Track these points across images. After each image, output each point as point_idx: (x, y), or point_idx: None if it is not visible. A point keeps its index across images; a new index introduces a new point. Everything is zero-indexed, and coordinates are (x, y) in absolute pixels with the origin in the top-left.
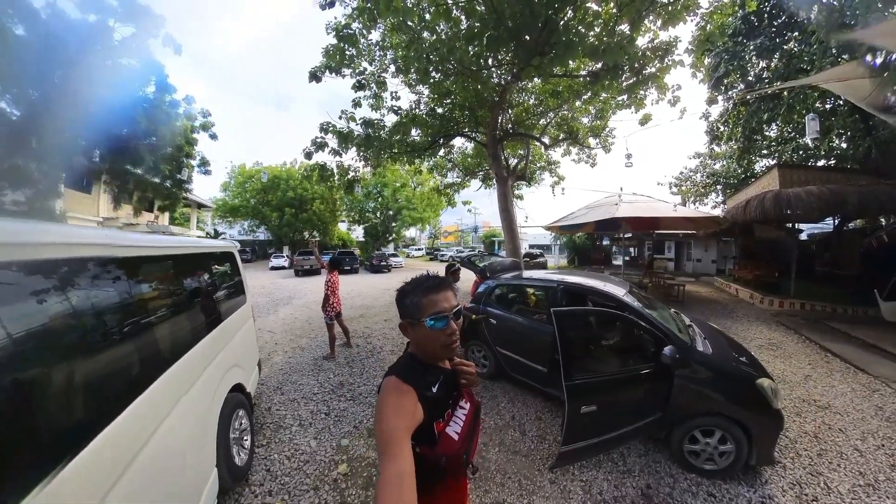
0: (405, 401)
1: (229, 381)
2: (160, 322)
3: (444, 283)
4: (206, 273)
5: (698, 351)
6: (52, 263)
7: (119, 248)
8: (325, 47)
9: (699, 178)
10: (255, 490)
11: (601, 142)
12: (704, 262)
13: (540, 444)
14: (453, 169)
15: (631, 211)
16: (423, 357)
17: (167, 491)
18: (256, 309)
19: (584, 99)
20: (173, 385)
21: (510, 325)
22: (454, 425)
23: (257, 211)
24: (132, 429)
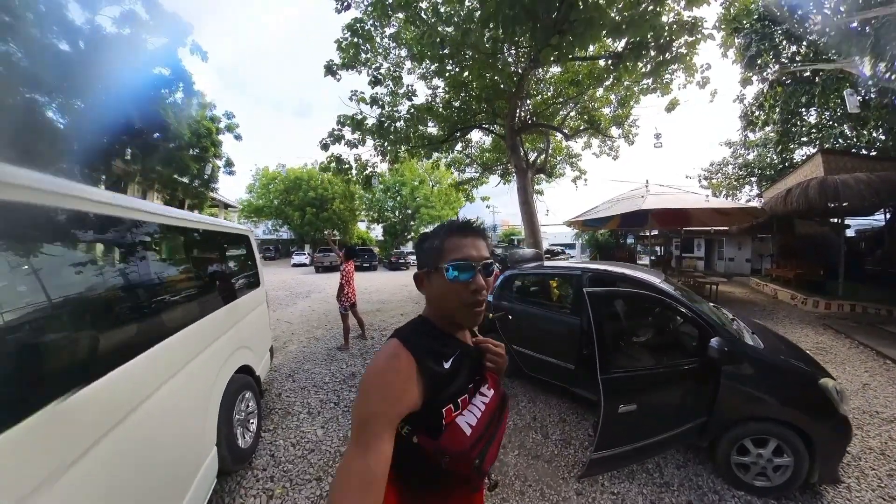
0: (397, 378)
1: (237, 361)
2: (169, 288)
3: (476, 229)
4: (219, 251)
5: (749, 345)
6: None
7: (132, 210)
8: (337, 40)
9: (731, 170)
10: (258, 474)
11: (624, 132)
12: (738, 262)
13: (564, 448)
14: (471, 164)
15: (658, 203)
16: (438, 321)
17: (163, 457)
18: (276, 302)
19: (605, 86)
20: (176, 352)
21: (530, 319)
22: (468, 415)
23: (280, 211)
24: (130, 383)
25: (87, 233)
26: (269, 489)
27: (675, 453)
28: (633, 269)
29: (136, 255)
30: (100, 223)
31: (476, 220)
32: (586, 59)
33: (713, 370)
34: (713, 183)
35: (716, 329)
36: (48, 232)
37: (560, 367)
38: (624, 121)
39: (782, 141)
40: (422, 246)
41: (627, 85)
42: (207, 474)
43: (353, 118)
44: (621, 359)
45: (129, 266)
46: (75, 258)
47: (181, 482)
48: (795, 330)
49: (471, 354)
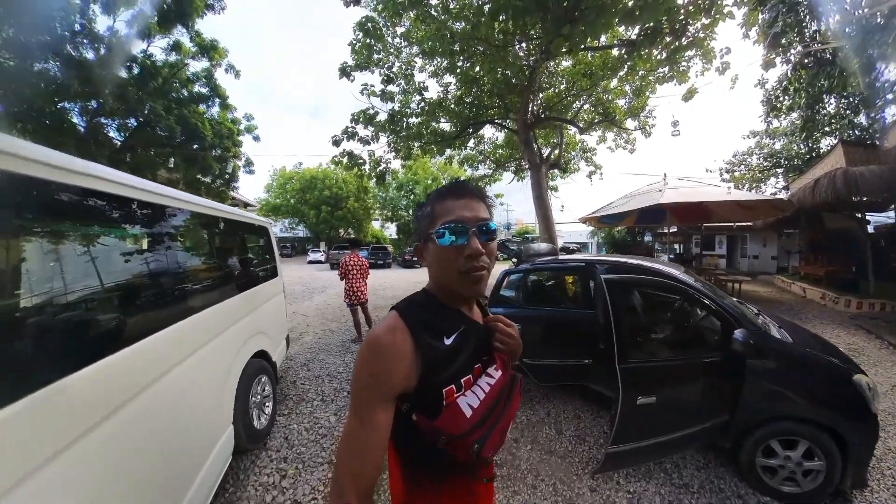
0: (390, 354)
1: (254, 346)
2: (193, 272)
3: (471, 190)
4: (240, 240)
5: (776, 338)
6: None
7: (163, 197)
8: (350, 42)
9: (755, 161)
10: (272, 455)
11: (640, 124)
12: (762, 259)
13: (578, 445)
14: (484, 161)
15: (677, 196)
16: (439, 294)
17: (182, 428)
18: (293, 296)
19: (619, 76)
20: (196, 331)
21: (540, 324)
22: (471, 396)
23: (296, 209)
24: (154, 354)
25: (121, 217)
26: (282, 469)
27: (696, 453)
28: (652, 261)
29: (164, 240)
30: (134, 207)
31: (471, 179)
32: (599, 48)
33: (737, 365)
34: (735, 176)
35: (740, 321)
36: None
37: (575, 366)
38: (640, 112)
39: (807, 128)
40: (417, 215)
41: (642, 74)
42: (224, 449)
43: (365, 113)
44: (643, 347)
45: (157, 250)
46: (113, 243)
47: (199, 454)
48: (827, 330)
49: (478, 332)
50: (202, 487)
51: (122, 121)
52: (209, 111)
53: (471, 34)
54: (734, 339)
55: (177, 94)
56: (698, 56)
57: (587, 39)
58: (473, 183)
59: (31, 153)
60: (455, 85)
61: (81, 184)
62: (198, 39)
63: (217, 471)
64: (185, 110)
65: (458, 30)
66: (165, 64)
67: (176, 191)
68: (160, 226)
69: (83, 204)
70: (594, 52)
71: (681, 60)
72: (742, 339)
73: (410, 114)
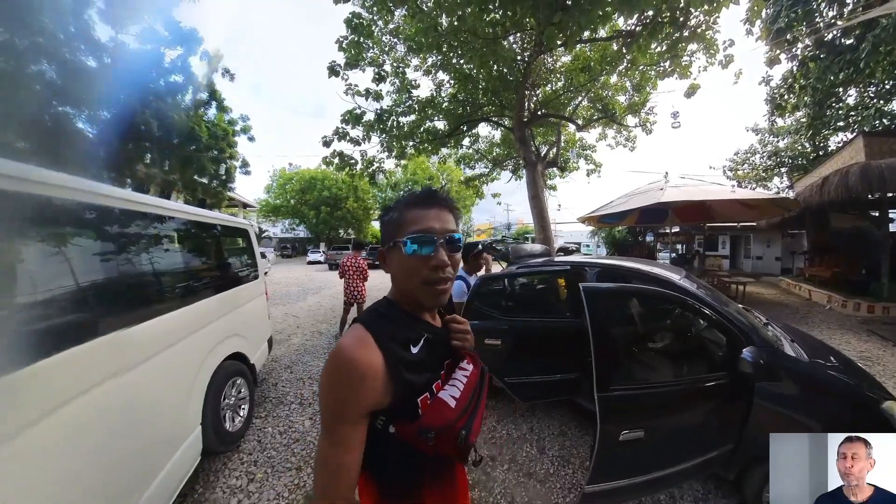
0: (356, 376)
1: (228, 348)
2: (161, 273)
3: (441, 199)
4: (215, 243)
5: (790, 356)
6: None
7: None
8: (338, 39)
9: (759, 160)
10: (243, 458)
11: (641, 120)
12: (766, 260)
13: (562, 467)
14: (481, 160)
15: (679, 195)
16: (402, 302)
17: (141, 424)
18: (287, 297)
19: (619, 71)
20: (163, 332)
21: (523, 336)
22: (451, 389)
23: (297, 210)
24: (114, 350)
25: (93, 220)
26: (251, 473)
27: (694, 483)
28: (649, 264)
29: (135, 242)
30: (105, 212)
31: (442, 189)
32: (596, 40)
33: (744, 388)
34: (739, 174)
35: (749, 336)
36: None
37: (563, 380)
38: (640, 108)
39: (814, 126)
40: (383, 220)
41: (643, 69)
42: (190, 450)
43: (353, 113)
44: (630, 372)
45: (128, 252)
46: (86, 246)
47: (161, 453)
48: (835, 336)
49: (441, 337)
50: (164, 485)
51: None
52: (207, 114)
53: (457, 28)
54: (742, 359)
55: (151, 86)
56: (701, 49)
57: (582, 30)
58: (444, 192)
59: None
60: (449, 82)
61: (54, 193)
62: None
63: (183, 471)
64: (162, 103)
65: (446, 24)
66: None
67: (145, 196)
68: (131, 229)
69: (55, 210)
70: (592, 43)
71: (682, 53)
72: (752, 359)
73: (400, 112)
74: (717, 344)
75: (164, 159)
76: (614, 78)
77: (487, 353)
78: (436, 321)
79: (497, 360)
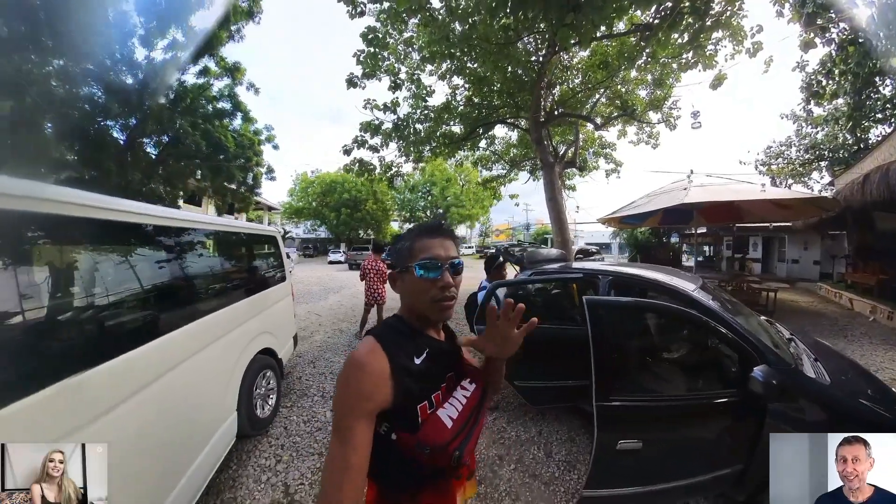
0: (369, 376)
1: (260, 343)
2: (202, 280)
3: (445, 231)
4: (248, 250)
5: (808, 377)
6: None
7: (168, 219)
8: (355, 54)
9: (794, 153)
10: (272, 441)
11: (664, 116)
12: (803, 264)
13: (567, 472)
14: (498, 161)
15: (704, 195)
16: (411, 318)
17: (190, 411)
18: (310, 296)
19: (638, 65)
20: (206, 331)
21: (535, 342)
22: (449, 408)
23: (318, 212)
24: (171, 348)
25: (145, 237)
26: (278, 455)
27: (702, 501)
28: (663, 272)
29: (179, 255)
30: (154, 230)
31: (445, 222)
32: (612, 36)
33: (756, 407)
34: (772, 169)
35: (763, 354)
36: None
37: (574, 386)
38: (662, 103)
39: (854, 116)
40: (395, 247)
41: (664, 62)
42: (227, 433)
43: (371, 123)
44: (632, 384)
45: (174, 264)
46: (141, 259)
47: (205, 432)
48: (877, 352)
49: (443, 350)
50: (207, 460)
51: (158, 137)
52: (232, 124)
53: (469, 35)
54: (753, 377)
55: (203, 111)
56: (726, 37)
57: (597, 27)
58: (447, 224)
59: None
60: (464, 86)
61: (113, 217)
62: (222, 63)
63: (221, 449)
64: (209, 125)
65: (458, 31)
66: (193, 86)
67: (188, 213)
68: (176, 243)
69: (116, 230)
70: (609, 39)
71: (706, 43)
72: (762, 378)
73: (416, 120)
74: (730, 360)
75: (197, 170)
76: (634, 73)
77: None
78: (439, 336)
79: (507, 364)
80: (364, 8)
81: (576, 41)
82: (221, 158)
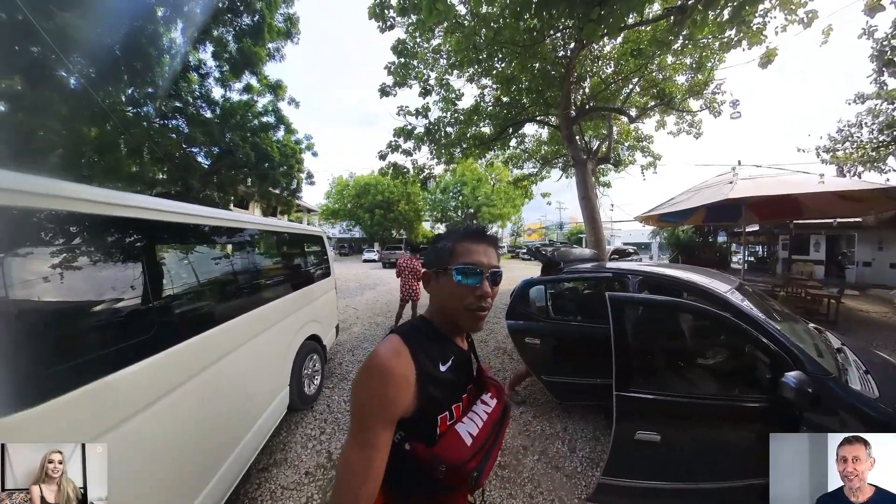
0: (393, 379)
1: (308, 330)
2: (266, 273)
3: (489, 237)
4: (300, 248)
5: (850, 389)
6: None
7: (243, 222)
8: (386, 66)
9: (866, 135)
10: (316, 416)
11: (707, 102)
12: (877, 267)
13: (589, 468)
14: (529, 159)
15: (752, 189)
16: (439, 322)
17: (255, 382)
18: (347, 291)
19: (674, 50)
20: (269, 315)
21: (563, 338)
22: (469, 424)
23: (353, 213)
24: (242, 329)
25: (224, 237)
26: (322, 427)
27: None
28: (696, 273)
29: (244, 252)
30: (225, 230)
31: (490, 229)
32: (642, 23)
33: (789, 416)
34: (839, 156)
35: (797, 359)
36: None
37: (599, 385)
38: (704, 88)
39: None
40: (435, 246)
41: (704, 42)
42: (280, 403)
43: (404, 129)
44: (653, 378)
45: (241, 259)
46: (213, 256)
47: (264, 401)
48: None
49: (466, 360)
50: (264, 426)
51: (209, 149)
52: (276, 135)
53: (495, 39)
54: (784, 382)
55: (250, 126)
56: (775, 7)
57: (625, 17)
58: (491, 230)
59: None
60: (492, 87)
61: (195, 222)
62: (264, 81)
63: (276, 416)
64: (256, 138)
65: (483, 36)
66: (240, 103)
67: (251, 215)
68: (243, 242)
69: (197, 232)
70: (639, 27)
71: (751, 17)
72: (795, 384)
73: (447, 123)
74: (763, 364)
75: (247, 177)
76: (670, 58)
77: (527, 351)
78: (463, 344)
79: (536, 358)
80: (394, 22)
81: (604, 33)
82: (267, 166)
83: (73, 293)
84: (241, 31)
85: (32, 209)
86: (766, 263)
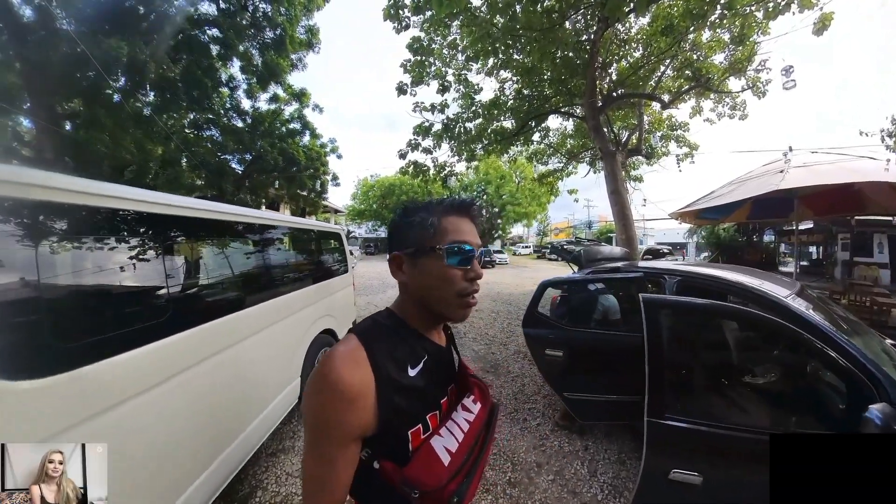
0: (340, 398)
1: (322, 324)
2: (275, 268)
3: (475, 211)
4: (316, 245)
5: None
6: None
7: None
8: (402, 63)
9: None
10: None
11: (749, 82)
12: None
13: (611, 497)
14: (554, 154)
15: (807, 178)
16: (411, 315)
17: (266, 370)
18: (370, 289)
19: (711, 22)
20: (282, 307)
21: (587, 349)
22: (447, 437)
23: (378, 213)
24: (246, 321)
25: (243, 232)
26: None
27: None
28: (745, 274)
29: (261, 246)
30: (245, 226)
31: (476, 201)
32: None
33: None
34: None
35: (884, 388)
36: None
37: (628, 402)
38: (746, 65)
39: None
40: (409, 221)
41: (746, 11)
42: (291, 393)
43: (422, 126)
44: (697, 403)
45: (254, 253)
46: (236, 248)
47: (274, 389)
48: None
49: (443, 357)
50: (276, 410)
51: (242, 156)
52: (302, 140)
53: (511, 26)
54: (868, 418)
55: (278, 132)
56: None
57: None
58: (477, 202)
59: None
60: (512, 80)
61: (227, 219)
62: (289, 91)
63: (286, 405)
64: (284, 143)
65: (500, 25)
66: (268, 112)
67: (268, 212)
68: (260, 237)
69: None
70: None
71: None
72: (881, 421)
73: (466, 119)
74: (836, 391)
75: (276, 181)
76: (706, 34)
77: (548, 365)
78: (441, 339)
79: (557, 373)
80: (409, 21)
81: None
82: (294, 170)
83: (136, 279)
84: (265, 44)
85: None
86: (821, 266)
